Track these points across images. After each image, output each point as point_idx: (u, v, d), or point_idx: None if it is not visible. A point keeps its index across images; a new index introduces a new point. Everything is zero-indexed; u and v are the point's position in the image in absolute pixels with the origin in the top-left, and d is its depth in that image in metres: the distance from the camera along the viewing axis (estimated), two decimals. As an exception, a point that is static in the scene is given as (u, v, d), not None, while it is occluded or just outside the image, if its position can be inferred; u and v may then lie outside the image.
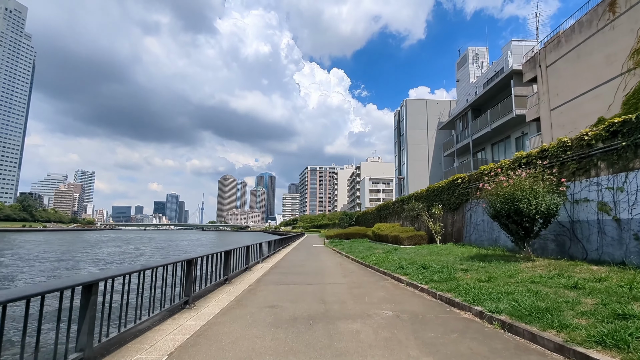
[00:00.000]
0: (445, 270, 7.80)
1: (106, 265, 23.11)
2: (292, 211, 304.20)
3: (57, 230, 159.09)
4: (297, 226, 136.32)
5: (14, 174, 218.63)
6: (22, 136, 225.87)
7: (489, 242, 12.03)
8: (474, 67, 51.09)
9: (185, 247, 45.80)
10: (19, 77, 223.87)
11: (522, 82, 23.74)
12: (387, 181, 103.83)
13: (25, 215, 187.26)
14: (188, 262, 5.59)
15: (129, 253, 33.75)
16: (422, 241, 16.89)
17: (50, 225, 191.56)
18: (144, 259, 27.91)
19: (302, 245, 27.59)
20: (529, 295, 4.97)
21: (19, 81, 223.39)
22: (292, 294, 6.76)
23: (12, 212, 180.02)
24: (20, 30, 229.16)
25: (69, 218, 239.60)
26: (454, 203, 15.09)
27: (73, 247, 41.65)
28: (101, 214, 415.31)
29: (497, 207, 8.17)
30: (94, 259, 26.84)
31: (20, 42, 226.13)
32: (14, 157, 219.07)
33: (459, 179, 14.84)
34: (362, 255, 13.87)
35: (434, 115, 60.53)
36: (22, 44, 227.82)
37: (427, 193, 18.59)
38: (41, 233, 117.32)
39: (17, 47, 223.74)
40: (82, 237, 78.51)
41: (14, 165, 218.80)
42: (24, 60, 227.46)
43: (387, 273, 9.24)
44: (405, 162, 60.41)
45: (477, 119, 29.54)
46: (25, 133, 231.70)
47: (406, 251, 13.35)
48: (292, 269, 11.19)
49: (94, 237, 74.58)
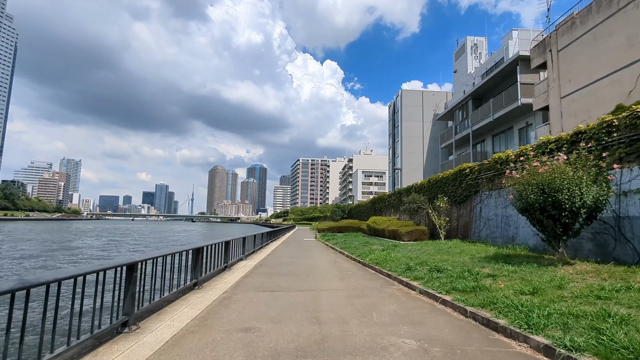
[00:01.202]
0: (468, 275, 6.32)
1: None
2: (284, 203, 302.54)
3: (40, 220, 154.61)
4: (288, 218, 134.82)
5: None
6: (3, 122, 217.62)
7: (504, 239, 10.65)
8: (472, 57, 49.66)
9: (152, 242, 38.44)
10: (0, 59, 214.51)
11: (529, 69, 22.37)
12: (380, 174, 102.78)
13: (7, 203, 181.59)
14: (128, 268, 3.95)
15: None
16: (424, 237, 15.50)
17: (33, 214, 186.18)
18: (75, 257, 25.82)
19: (292, 238, 26.07)
20: (615, 322, 3.48)
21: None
22: (277, 307, 5.19)
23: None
24: (1, 10, 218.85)
25: (54, 207, 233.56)
26: (460, 195, 13.67)
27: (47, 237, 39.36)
28: (87, 203, 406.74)
29: (529, 198, 6.69)
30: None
31: (0, 23, 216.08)
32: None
33: (467, 168, 13.40)
34: (359, 251, 12.38)
35: (430, 107, 59.18)
36: (3, 25, 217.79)
37: (429, 184, 17.15)
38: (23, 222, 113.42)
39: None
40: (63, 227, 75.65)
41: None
42: (5, 42, 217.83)
43: (392, 276, 7.74)
44: (399, 154, 59.10)
45: (477, 109, 28.18)
46: (7, 118, 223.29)
47: (408, 248, 11.91)
48: (279, 267, 9.62)
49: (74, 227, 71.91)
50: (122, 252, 27.22)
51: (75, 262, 19.98)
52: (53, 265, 18.28)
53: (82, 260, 20.76)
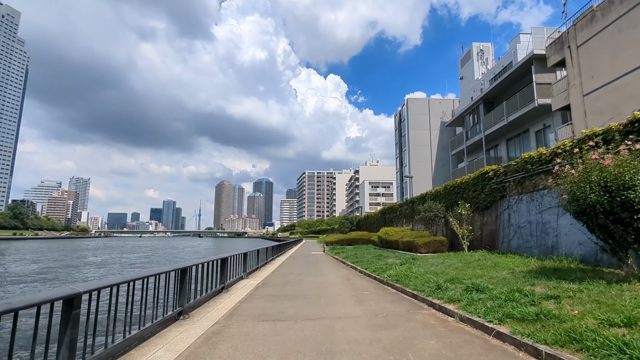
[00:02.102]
0: (520, 297, 5.02)
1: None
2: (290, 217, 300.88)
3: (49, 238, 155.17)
4: (295, 232, 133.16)
5: (6, 180, 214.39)
6: (14, 142, 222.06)
7: (541, 249, 9.28)
8: (478, 63, 48.83)
9: (135, 260, 34.52)
10: (12, 82, 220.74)
11: (545, 68, 21.26)
12: (387, 184, 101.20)
13: (17, 223, 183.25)
14: (66, 303, 2.79)
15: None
16: (443, 248, 14.11)
17: (42, 233, 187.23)
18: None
19: (299, 252, 24.73)
20: None
21: (11, 86, 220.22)
22: (280, 346, 3.95)
23: (3, 220, 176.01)
24: (13, 35, 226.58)
25: (62, 226, 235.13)
26: (483, 201, 12.36)
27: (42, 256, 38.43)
28: (96, 221, 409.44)
29: (588, 199, 5.43)
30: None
31: (12, 47, 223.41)
32: (6, 163, 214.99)
33: (489, 171, 12.12)
34: (373, 266, 11.07)
35: (437, 115, 58.16)
36: (15, 49, 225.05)
37: (445, 191, 15.85)
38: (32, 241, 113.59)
39: (9, 52, 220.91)
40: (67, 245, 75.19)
41: (6, 172, 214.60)
42: (16, 65, 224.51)
43: (419, 297, 6.45)
44: (407, 163, 57.82)
45: (489, 113, 27.01)
46: (18, 139, 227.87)
47: (430, 261, 10.57)
48: (284, 288, 8.37)
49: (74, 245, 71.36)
50: (79, 276, 22.08)
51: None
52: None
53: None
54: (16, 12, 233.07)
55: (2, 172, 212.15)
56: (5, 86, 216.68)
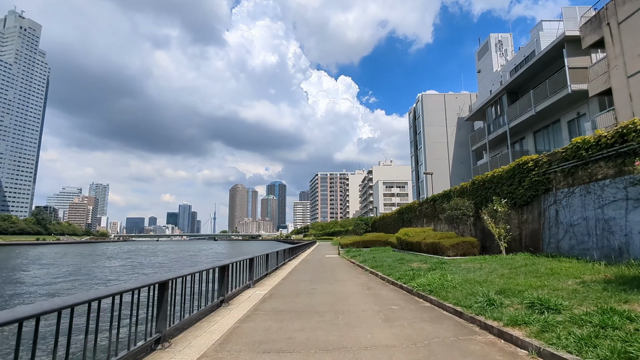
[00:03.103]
0: (620, 321, 3.58)
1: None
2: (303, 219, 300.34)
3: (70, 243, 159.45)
4: (309, 234, 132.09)
5: (29, 188, 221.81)
6: (36, 151, 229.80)
7: (603, 251, 7.69)
8: (497, 55, 46.62)
9: (113, 272, 27.65)
10: (34, 92, 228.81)
11: (578, 51, 19.39)
12: (402, 184, 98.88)
13: (40, 228, 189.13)
14: None
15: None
16: (473, 250, 12.56)
17: (63, 238, 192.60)
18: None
19: (313, 256, 23.46)
20: None
21: (33, 97, 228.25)
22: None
23: (27, 226, 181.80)
24: (35, 47, 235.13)
25: (83, 230, 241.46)
26: (522, 196, 10.76)
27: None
28: (115, 225, 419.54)
29: None
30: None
31: (34, 58, 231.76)
32: (29, 171, 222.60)
33: (529, 161, 10.53)
34: (397, 272, 9.65)
35: (453, 111, 56.03)
36: (37, 60, 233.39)
37: (474, 187, 14.26)
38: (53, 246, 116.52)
39: (31, 63, 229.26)
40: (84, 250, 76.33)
41: (29, 179, 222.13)
42: (38, 76, 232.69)
43: (464, 315, 5.05)
44: (423, 162, 55.81)
45: (514, 104, 25.10)
46: (40, 147, 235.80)
47: (463, 266, 9.10)
48: (295, 300, 7.09)
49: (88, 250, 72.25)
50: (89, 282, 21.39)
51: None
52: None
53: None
54: (37, 25, 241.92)
55: (26, 179, 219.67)
56: (28, 96, 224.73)
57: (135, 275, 25.20)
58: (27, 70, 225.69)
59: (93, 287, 19.82)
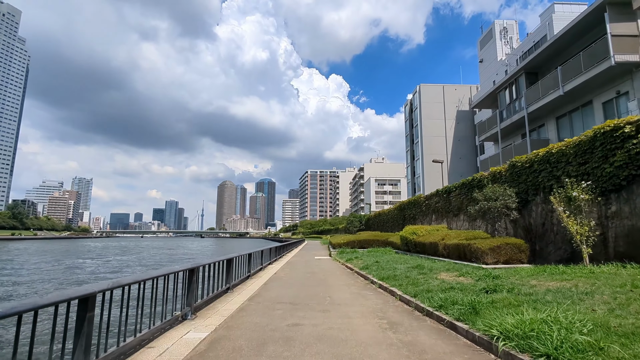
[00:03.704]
0: None
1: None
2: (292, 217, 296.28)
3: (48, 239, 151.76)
4: (297, 232, 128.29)
5: (6, 180, 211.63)
6: (14, 142, 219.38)
7: None
8: (502, 42, 43.67)
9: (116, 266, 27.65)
10: (12, 81, 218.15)
11: (623, 16, 16.21)
12: (395, 182, 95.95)
13: (16, 223, 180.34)
14: None
15: None
16: (520, 255, 9.04)
17: (41, 233, 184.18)
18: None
19: (300, 257, 19.74)
20: None
21: (11, 85, 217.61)
22: None
23: (1, 220, 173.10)
24: (14, 33, 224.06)
25: (63, 226, 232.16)
26: (609, 178, 7.29)
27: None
28: (98, 221, 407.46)
29: None
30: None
31: (13, 45, 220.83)
32: (6, 162, 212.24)
33: (624, 125, 7.03)
34: (432, 294, 5.97)
35: (452, 103, 52.97)
36: (16, 47, 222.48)
37: (515, 170, 10.74)
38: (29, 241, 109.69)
39: (10, 50, 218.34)
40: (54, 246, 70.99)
41: (6, 171, 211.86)
42: (17, 64, 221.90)
43: None
44: (419, 157, 52.58)
45: (535, 85, 21.84)
46: (18, 138, 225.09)
47: (536, 285, 5.54)
48: (262, 351, 3.39)
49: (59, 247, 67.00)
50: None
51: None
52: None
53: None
54: (17, 11, 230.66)
55: (2, 171, 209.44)
56: (6, 84, 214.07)
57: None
58: (5, 57, 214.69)
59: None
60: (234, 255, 8.03)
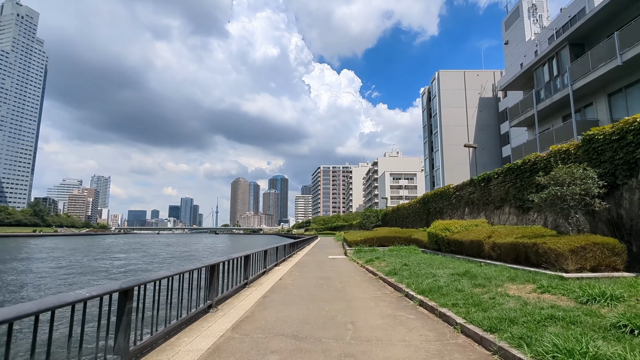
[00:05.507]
0: None
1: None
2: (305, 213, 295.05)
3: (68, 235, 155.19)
4: (310, 228, 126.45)
5: (27, 179, 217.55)
6: (34, 141, 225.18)
7: None
8: (530, 21, 40.03)
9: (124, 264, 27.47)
10: (31, 82, 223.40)
11: None
12: (410, 176, 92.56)
13: (37, 220, 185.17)
14: None
15: None
16: (614, 260, 6.52)
17: (61, 230, 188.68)
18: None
19: (312, 257, 17.52)
20: None
21: (31, 86, 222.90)
22: None
23: (24, 217, 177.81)
24: (32, 35, 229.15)
25: (82, 223, 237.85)
26: None
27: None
28: (116, 218, 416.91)
29: None
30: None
31: (32, 47, 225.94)
32: (27, 162, 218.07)
33: None
34: (541, 335, 3.62)
35: (474, 90, 49.42)
36: (34, 49, 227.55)
37: (593, 146, 8.15)
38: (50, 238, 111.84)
39: (29, 52, 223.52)
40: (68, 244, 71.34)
41: (27, 170, 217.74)
42: (35, 65, 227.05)
43: None
44: (439, 147, 49.38)
45: (582, 57, 18.81)
46: (38, 138, 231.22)
47: None
48: None
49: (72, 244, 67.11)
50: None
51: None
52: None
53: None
54: (35, 13, 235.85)
55: (24, 170, 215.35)
56: (26, 85, 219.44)
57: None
58: (24, 58, 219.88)
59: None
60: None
